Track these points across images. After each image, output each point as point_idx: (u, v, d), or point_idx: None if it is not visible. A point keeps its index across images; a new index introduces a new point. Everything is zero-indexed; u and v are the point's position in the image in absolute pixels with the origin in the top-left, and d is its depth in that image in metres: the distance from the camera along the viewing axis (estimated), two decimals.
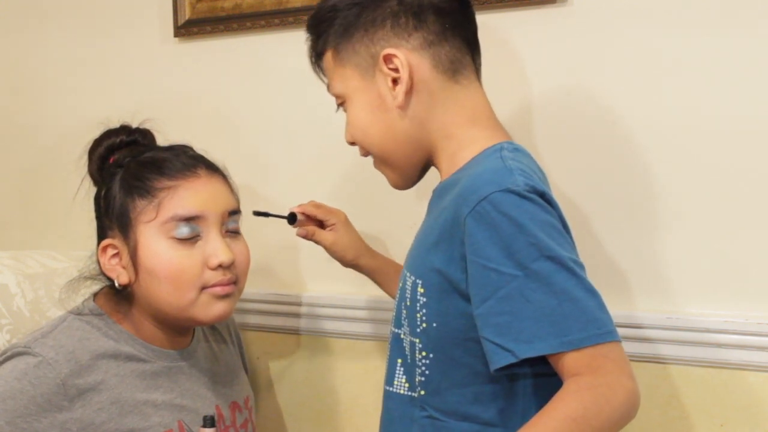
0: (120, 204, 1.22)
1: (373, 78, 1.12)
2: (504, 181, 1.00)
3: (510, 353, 0.96)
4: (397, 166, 1.16)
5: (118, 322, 1.24)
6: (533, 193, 1.00)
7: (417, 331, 1.08)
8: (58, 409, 1.14)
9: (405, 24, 1.11)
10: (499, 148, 1.08)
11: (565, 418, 0.92)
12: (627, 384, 0.94)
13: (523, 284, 0.96)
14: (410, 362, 1.10)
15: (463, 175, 1.07)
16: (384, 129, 1.13)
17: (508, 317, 0.97)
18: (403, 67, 1.09)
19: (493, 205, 0.98)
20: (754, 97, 1.21)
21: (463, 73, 1.12)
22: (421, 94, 1.11)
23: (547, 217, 1.00)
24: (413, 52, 1.10)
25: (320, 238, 1.36)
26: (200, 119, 1.64)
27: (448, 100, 1.11)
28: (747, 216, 1.23)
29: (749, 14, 1.21)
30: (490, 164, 1.05)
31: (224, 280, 1.21)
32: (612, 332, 0.96)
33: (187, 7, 1.64)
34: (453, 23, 1.12)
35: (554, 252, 0.97)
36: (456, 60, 1.11)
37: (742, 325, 1.22)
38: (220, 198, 1.24)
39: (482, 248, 0.99)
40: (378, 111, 1.13)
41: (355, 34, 1.12)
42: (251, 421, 1.37)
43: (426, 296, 1.07)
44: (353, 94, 1.14)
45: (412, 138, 1.13)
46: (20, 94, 1.88)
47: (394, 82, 1.11)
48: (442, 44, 1.11)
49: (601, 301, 0.98)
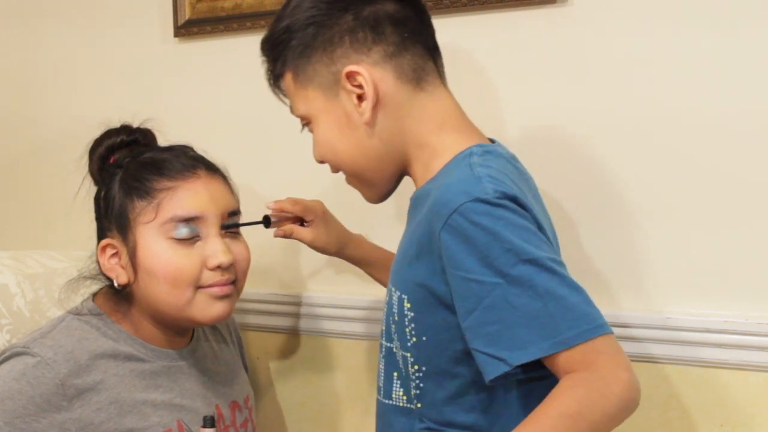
0: (119, 205, 1.22)
1: (336, 97, 1.11)
2: (473, 190, 0.99)
3: (503, 362, 0.96)
4: (370, 182, 1.16)
5: (117, 322, 1.24)
6: (504, 198, 0.99)
7: (408, 345, 1.08)
8: (56, 409, 1.14)
9: (363, 39, 1.09)
10: (468, 154, 1.07)
11: (560, 415, 0.92)
12: (622, 376, 0.94)
13: (506, 291, 0.95)
14: (405, 375, 1.10)
15: (434, 186, 1.06)
16: (354, 147, 1.12)
17: (497, 326, 0.96)
18: (367, 83, 1.08)
19: (464, 217, 0.98)
20: (753, 98, 1.21)
21: (427, 80, 1.11)
22: (388, 107, 1.09)
23: (520, 221, 0.99)
24: (375, 66, 1.09)
25: (299, 236, 1.34)
26: (200, 119, 1.64)
27: (415, 110, 1.10)
28: (747, 216, 1.22)
29: (749, 14, 1.21)
30: (459, 174, 1.04)
31: (222, 280, 1.21)
32: (602, 325, 0.95)
33: (187, 7, 1.64)
34: (411, 32, 1.10)
35: (532, 254, 0.96)
36: (418, 68, 1.10)
37: (741, 325, 1.21)
38: (219, 199, 1.24)
39: (460, 260, 0.98)
40: (346, 129, 1.11)
41: (313, 54, 1.10)
42: (251, 421, 1.37)
43: (413, 311, 1.06)
44: (318, 114, 1.13)
45: (383, 152, 1.12)
46: (20, 93, 1.89)
47: (359, 98, 1.09)
48: (402, 54, 1.09)
49: (586, 296, 0.97)
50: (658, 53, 1.26)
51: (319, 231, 1.34)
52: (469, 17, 1.39)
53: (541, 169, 1.33)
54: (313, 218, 1.34)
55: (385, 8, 1.10)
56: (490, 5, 1.36)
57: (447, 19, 1.39)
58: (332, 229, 1.36)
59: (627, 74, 1.28)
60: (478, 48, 1.38)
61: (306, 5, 1.11)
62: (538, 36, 1.34)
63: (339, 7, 1.10)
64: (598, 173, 1.31)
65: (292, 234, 1.34)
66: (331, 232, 1.36)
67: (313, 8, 1.11)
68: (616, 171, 1.30)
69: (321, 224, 1.35)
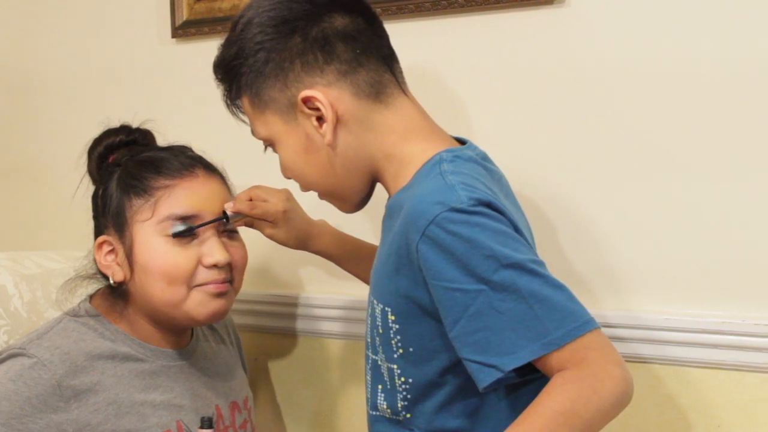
0: (117, 202, 1.22)
1: (295, 120, 1.09)
2: (447, 199, 0.98)
3: (494, 368, 0.95)
4: (342, 197, 1.15)
5: (113, 322, 1.24)
6: (478, 205, 0.98)
7: (394, 357, 1.07)
8: (53, 410, 1.14)
9: (314, 60, 1.07)
10: (438, 161, 1.05)
11: (552, 413, 0.92)
12: (613, 371, 0.93)
13: (490, 297, 0.95)
14: (390, 388, 1.09)
15: (407, 196, 1.04)
16: (320, 168, 1.11)
17: (484, 333, 0.96)
18: (325, 106, 1.06)
19: (441, 227, 0.97)
20: (750, 98, 1.21)
21: (386, 92, 1.09)
22: (349, 124, 1.08)
23: (497, 226, 0.98)
24: (330, 86, 1.07)
25: (258, 228, 1.31)
26: (198, 120, 1.64)
27: (377, 124, 1.08)
28: (743, 216, 1.22)
29: (749, 14, 1.21)
30: (431, 183, 1.03)
31: (218, 278, 1.21)
32: (588, 321, 0.95)
33: (184, 7, 1.64)
34: (363, 46, 1.08)
35: (512, 258, 0.95)
36: (375, 82, 1.08)
37: (738, 326, 1.21)
38: (217, 198, 1.24)
39: (441, 271, 0.97)
40: (309, 152, 1.10)
41: (266, 81, 1.08)
42: (250, 422, 1.37)
43: (398, 323, 1.05)
44: (279, 138, 1.11)
45: (350, 169, 1.10)
46: (19, 93, 1.88)
47: (318, 120, 1.07)
48: (357, 71, 1.07)
49: (569, 293, 0.97)
50: (657, 54, 1.26)
51: (277, 228, 1.31)
52: (467, 18, 1.38)
53: (536, 168, 1.34)
54: (273, 219, 1.31)
55: (333, 25, 1.07)
56: (489, 6, 1.36)
57: (445, 20, 1.39)
58: (292, 226, 1.32)
59: (625, 74, 1.28)
60: (477, 48, 1.38)
61: (254, 30, 1.08)
62: (537, 36, 1.34)
63: (285, 30, 1.07)
64: (598, 173, 1.31)
65: (252, 226, 1.31)
66: (290, 228, 1.32)
67: (261, 33, 1.08)
68: (616, 171, 1.30)
69: (281, 222, 1.31)
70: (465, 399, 1.05)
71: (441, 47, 1.42)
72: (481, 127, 1.36)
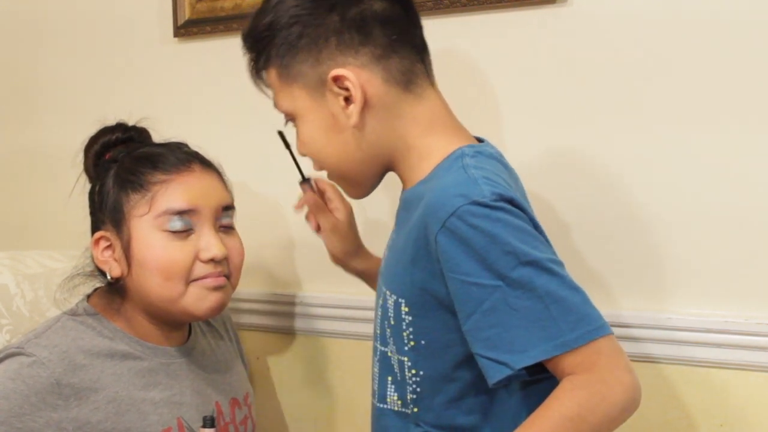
0: (114, 198, 1.22)
1: (323, 97, 1.07)
2: (470, 192, 0.98)
3: (505, 365, 0.95)
4: (355, 181, 1.14)
5: (111, 320, 1.24)
6: (500, 200, 0.97)
7: (405, 349, 1.06)
8: (52, 408, 1.14)
9: (350, 40, 1.05)
10: (460, 155, 1.05)
11: (560, 417, 0.92)
12: (623, 378, 0.93)
13: (506, 293, 0.95)
14: (400, 380, 1.08)
15: (427, 189, 1.04)
16: (339, 149, 1.09)
17: (497, 329, 0.95)
18: (355, 87, 1.05)
19: (462, 220, 0.96)
20: (753, 94, 1.21)
21: (416, 82, 1.08)
22: (376, 109, 1.07)
23: (518, 223, 0.97)
24: (363, 68, 1.05)
25: (322, 217, 1.30)
26: (200, 119, 1.64)
27: (403, 112, 1.08)
28: (746, 216, 1.22)
29: (750, 14, 1.20)
30: (453, 176, 1.02)
31: (215, 273, 1.21)
32: (602, 326, 0.95)
33: (186, 7, 1.64)
34: (400, 33, 1.07)
35: (531, 256, 0.95)
36: (407, 70, 1.08)
37: (742, 325, 1.21)
38: (213, 193, 1.24)
39: (458, 264, 0.97)
40: (332, 131, 1.09)
41: (298, 54, 1.07)
42: (251, 418, 1.37)
43: (411, 314, 1.05)
44: (303, 113, 1.10)
45: (369, 154, 1.09)
46: (19, 93, 1.89)
47: (346, 100, 1.06)
48: (390, 57, 1.07)
49: (585, 297, 0.96)
50: (658, 53, 1.26)
51: (337, 232, 1.30)
52: (468, 17, 1.38)
53: (539, 169, 1.33)
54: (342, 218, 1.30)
55: (373, 8, 1.06)
56: (490, 5, 1.35)
57: (446, 19, 1.39)
58: (348, 236, 1.32)
59: (626, 74, 1.28)
60: (478, 48, 1.38)
61: (290, 3, 1.08)
62: (538, 36, 1.34)
63: (324, 7, 1.07)
64: (597, 173, 1.31)
65: (317, 211, 1.29)
66: (346, 237, 1.31)
67: (297, 6, 1.07)
68: (616, 171, 1.30)
69: (343, 226, 1.30)
70: (476, 396, 1.05)
71: (441, 46, 1.41)
72: (482, 128, 1.36)
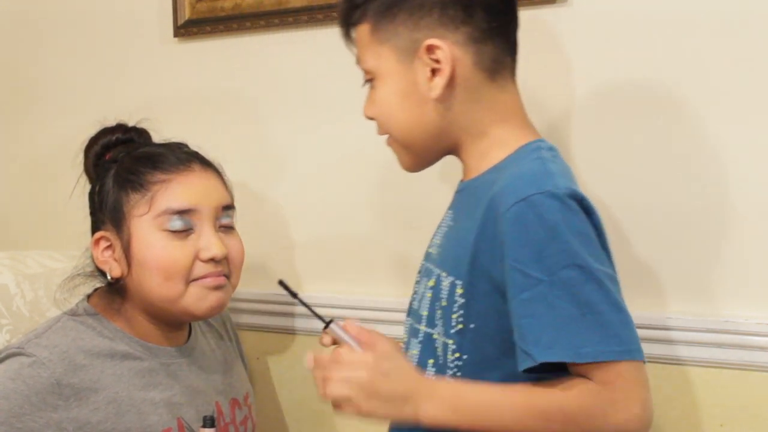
0: (114, 198, 1.22)
1: (410, 64, 1.07)
2: (545, 183, 0.98)
3: (529, 357, 0.95)
4: (415, 153, 1.13)
5: (111, 320, 1.24)
6: (573, 199, 0.98)
7: (451, 332, 1.05)
8: (53, 408, 1.14)
9: (453, 16, 1.05)
10: (537, 148, 1.06)
11: (558, 406, 0.93)
12: (633, 408, 0.93)
13: (548, 290, 0.94)
14: (441, 363, 1.07)
15: (500, 176, 1.04)
16: (412, 118, 1.09)
17: (530, 320, 0.95)
18: (446, 61, 1.05)
19: (531, 207, 0.96)
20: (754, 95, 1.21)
21: (502, 73, 1.08)
22: (458, 89, 1.06)
23: (583, 226, 0.98)
24: (457, 45, 1.05)
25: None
26: (200, 119, 1.64)
27: (483, 99, 1.08)
28: (747, 216, 1.22)
29: (747, 15, 1.20)
30: (530, 165, 1.03)
31: (215, 272, 1.21)
32: (632, 351, 0.94)
33: (186, 7, 1.64)
34: (500, 22, 1.08)
35: (584, 261, 0.95)
36: (497, 60, 1.08)
37: (742, 325, 1.21)
38: (213, 192, 1.24)
39: (513, 247, 0.97)
40: (409, 99, 1.08)
41: (398, 14, 1.07)
42: (251, 418, 1.37)
43: (465, 297, 1.04)
44: (386, 74, 1.09)
45: (439, 130, 1.09)
46: (20, 93, 1.89)
47: (432, 72, 1.06)
48: (486, 43, 1.07)
49: (627, 318, 0.96)
50: (658, 53, 1.26)
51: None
52: None
53: None
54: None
55: None
56: None
57: None
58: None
59: (627, 74, 1.28)
60: None
61: None
62: (538, 36, 1.34)
63: None
64: (597, 174, 1.31)
65: None
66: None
67: None
68: (616, 171, 1.30)
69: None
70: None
71: None
72: None
